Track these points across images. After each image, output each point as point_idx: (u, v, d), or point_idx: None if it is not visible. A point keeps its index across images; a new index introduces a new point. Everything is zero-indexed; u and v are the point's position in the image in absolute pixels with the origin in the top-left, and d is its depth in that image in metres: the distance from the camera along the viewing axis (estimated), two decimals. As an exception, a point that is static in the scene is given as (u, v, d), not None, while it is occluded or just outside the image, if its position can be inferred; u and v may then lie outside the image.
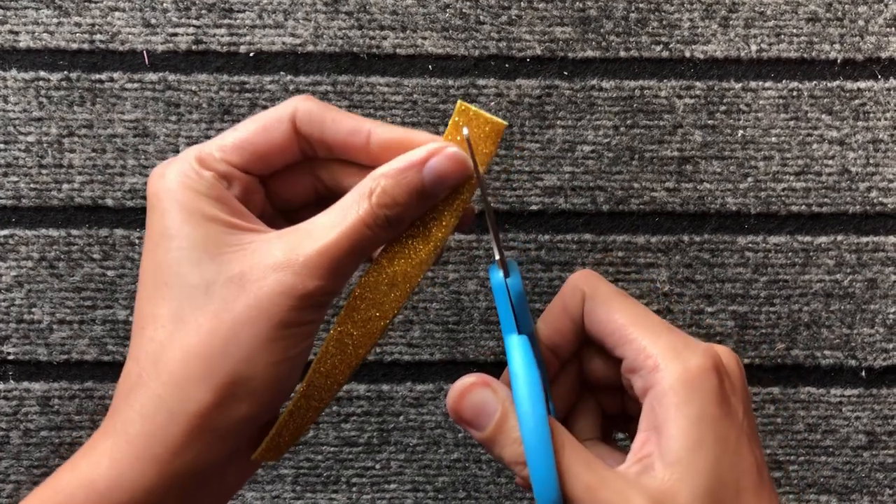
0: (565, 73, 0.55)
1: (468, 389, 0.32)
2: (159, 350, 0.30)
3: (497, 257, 0.32)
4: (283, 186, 0.35)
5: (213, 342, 0.30)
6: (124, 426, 0.30)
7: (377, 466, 0.55)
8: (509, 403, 0.31)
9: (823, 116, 0.55)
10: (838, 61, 0.55)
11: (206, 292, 0.30)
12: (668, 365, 0.31)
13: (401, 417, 0.55)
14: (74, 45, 0.55)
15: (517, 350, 0.31)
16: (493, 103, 0.55)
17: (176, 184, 0.31)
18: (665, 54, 0.55)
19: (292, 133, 0.33)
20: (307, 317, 0.30)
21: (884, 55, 0.55)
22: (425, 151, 0.31)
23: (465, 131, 0.31)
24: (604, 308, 0.33)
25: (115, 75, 0.55)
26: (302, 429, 0.33)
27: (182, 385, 0.30)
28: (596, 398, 0.37)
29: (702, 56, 0.55)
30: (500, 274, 0.32)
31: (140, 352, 0.31)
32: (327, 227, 0.30)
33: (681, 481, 0.30)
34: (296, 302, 0.30)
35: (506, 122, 0.32)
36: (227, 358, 0.30)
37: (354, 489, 0.55)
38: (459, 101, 0.32)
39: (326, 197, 0.35)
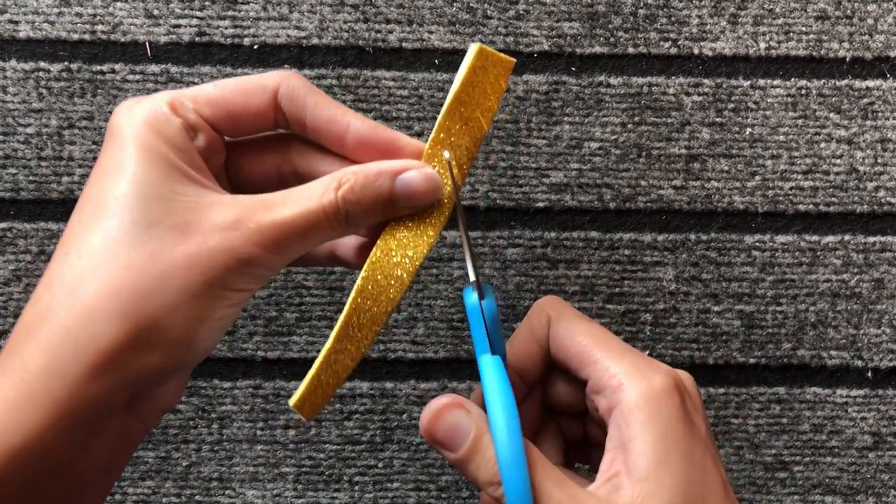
0: (573, 68, 0.55)
1: (443, 410, 0.31)
2: (79, 279, 0.29)
3: (472, 279, 0.32)
4: (250, 161, 0.34)
5: (140, 280, 0.28)
6: (22, 363, 0.28)
7: (380, 465, 0.54)
8: (483, 423, 0.31)
9: (832, 115, 0.55)
10: (847, 60, 0.55)
11: (146, 231, 0.29)
12: (632, 383, 0.31)
13: (404, 415, 0.54)
14: (75, 36, 0.54)
15: (492, 370, 0.31)
16: (499, 99, 0.54)
17: (141, 121, 0.30)
18: (673, 51, 0.55)
19: (271, 104, 0.32)
20: (242, 283, 0.30)
21: (893, 54, 0.55)
22: (404, 163, 0.32)
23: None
24: (568, 330, 0.34)
25: (117, 67, 0.54)
26: (339, 379, 0.32)
27: (96, 317, 0.28)
28: (558, 424, 0.38)
29: (710, 53, 0.55)
30: (475, 296, 0.32)
31: (56, 278, 0.29)
32: (286, 204, 0.30)
33: (649, 497, 0.30)
34: (236, 264, 0.29)
35: (514, 59, 0.34)
36: (151, 300, 0.28)
37: (357, 488, 0.54)
38: (479, 45, 0.33)
39: (289, 182, 0.34)
